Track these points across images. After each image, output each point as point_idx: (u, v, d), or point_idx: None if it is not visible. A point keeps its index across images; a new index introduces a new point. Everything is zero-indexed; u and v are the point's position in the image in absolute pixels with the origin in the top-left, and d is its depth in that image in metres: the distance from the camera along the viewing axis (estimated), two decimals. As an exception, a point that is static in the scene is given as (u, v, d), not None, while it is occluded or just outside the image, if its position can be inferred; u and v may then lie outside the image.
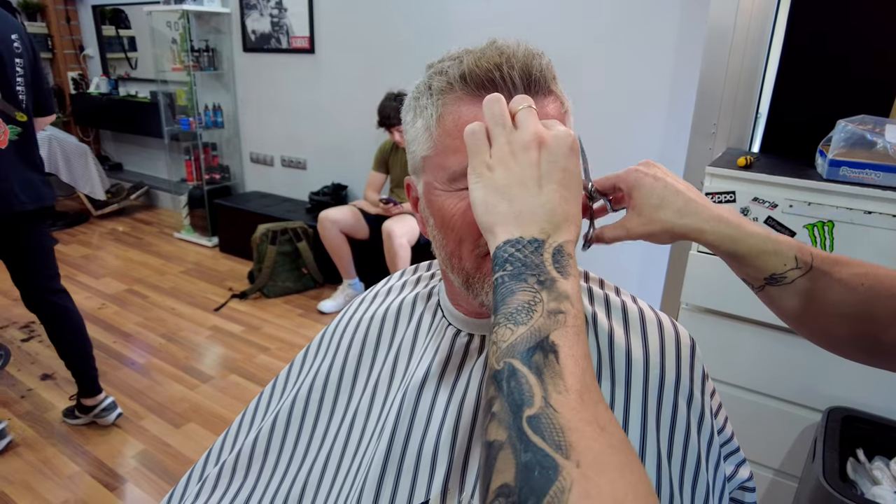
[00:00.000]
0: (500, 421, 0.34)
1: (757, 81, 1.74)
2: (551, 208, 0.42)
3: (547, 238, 0.41)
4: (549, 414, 0.33)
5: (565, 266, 0.40)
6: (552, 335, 0.36)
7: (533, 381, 0.34)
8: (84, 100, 4.90)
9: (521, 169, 0.44)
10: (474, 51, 0.54)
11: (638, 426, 0.57)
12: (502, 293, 0.39)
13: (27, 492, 1.79)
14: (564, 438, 0.31)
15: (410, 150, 0.59)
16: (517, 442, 0.32)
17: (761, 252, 0.54)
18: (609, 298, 0.66)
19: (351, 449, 0.62)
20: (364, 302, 0.75)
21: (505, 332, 0.37)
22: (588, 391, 0.35)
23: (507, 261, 0.41)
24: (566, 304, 0.38)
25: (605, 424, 0.33)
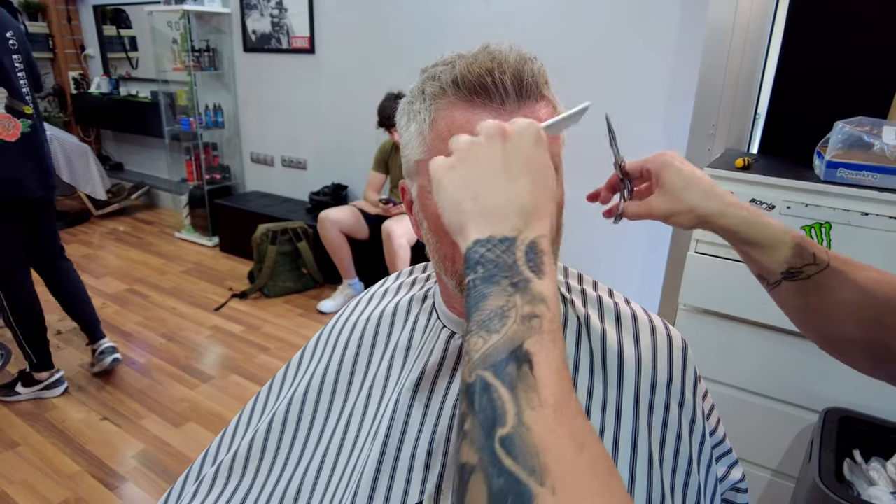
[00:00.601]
0: (473, 441, 0.32)
1: (756, 83, 1.74)
2: (520, 202, 0.40)
3: (518, 235, 0.39)
4: (523, 433, 0.31)
5: (539, 264, 0.38)
6: (526, 343, 0.34)
7: (506, 395, 0.32)
8: (85, 99, 4.91)
9: (485, 161, 0.42)
10: (467, 56, 0.55)
11: (630, 427, 0.57)
12: (475, 298, 0.37)
13: (28, 491, 1.80)
14: (539, 461, 0.29)
15: (405, 153, 0.59)
16: (489, 466, 0.30)
17: (779, 242, 0.55)
18: (602, 300, 0.66)
19: (346, 450, 0.62)
20: (360, 304, 0.76)
21: (477, 342, 0.35)
22: (565, 404, 0.33)
23: (479, 262, 0.38)
24: (541, 308, 0.36)
25: (583, 441, 0.31)
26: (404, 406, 0.60)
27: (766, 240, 0.55)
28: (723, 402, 1.44)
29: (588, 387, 0.60)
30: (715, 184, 0.57)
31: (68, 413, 2.19)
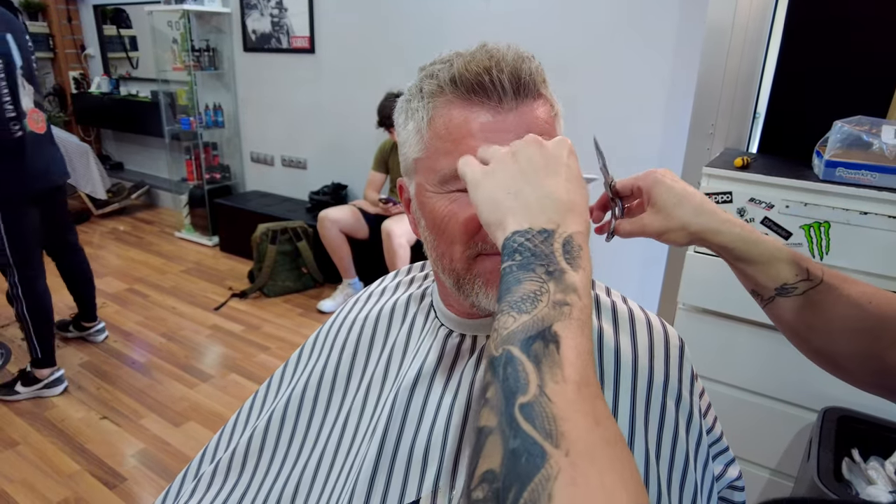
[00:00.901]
0: (493, 407, 0.33)
1: (755, 82, 1.75)
2: (558, 198, 0.42)
3: (556, 228, 0.41)
4: (543, 402, 0.32)
5: (576, 257, 0.39)
6: (555, 325, 0.35)
7: (530, 368, 0.34)
8: (85, 99, 4.92)
9: (525, 163, 0.44)
10: (464, 54, 0.55)
11: (626, 425, 0.57)
12: (508, 282, 0.39)
13: (28, 490, 1.80)
14: (556, 427, 0.31)
15: (402, 152, 0.59)
16: (507, 428, 0.32)
17: (773, 259, 0.55)
18: (599, 299, 0.66)
19: (344, 448, 0.63)
20: (358, 302, 0.76)
21: (507, 320, 0.36)
22: (587, 384, 0.34)
23: (517, 251, 0.40)
24: (573, 297, 0.37)
25: (601, 419, 0.32)
26: (402, 403, 0.61)
27: (760, 256, 0.55)
28: (722, 401, 1.44)
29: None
30: (707, 200, 0.57)
31: (68, 412, 2.19)
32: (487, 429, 0.33)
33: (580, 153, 0.48)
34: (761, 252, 0.55)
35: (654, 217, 0.57)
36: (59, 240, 2.48)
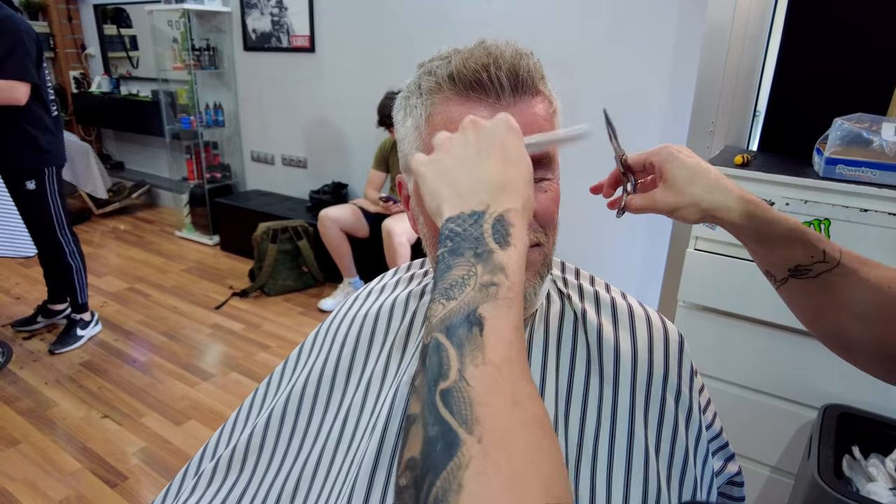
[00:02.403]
0: (419, 395, 0.34)
1: (755, 80, 1.74)
2: (489, 178, 0.42)
3: (486, 209, 0.40)
4: (462, 387, 0.32)
5: (506, 235, 0.39)
6: (480, 308, 0.35)
7: (453, 354, 0.34)
8: (86, 99, 4.92)
9: (459, 149, 0.44)
10: (463, 51, 0.55)
11: (626, 421, 0.57)
12: (440, 269, 0.39)
13: (29, 488, 1.81)
14: (472, 412, 0.31)
15: (401, 148, 0.59)
16: (428, 415, 0.32)
17: (788, 239, 0.53)
18: (599, 295, 0.66)
19: (344, 445, 0.63)
20: (358, 299, 0.76)
21: (437, 308, 0.37)
22: (509, 364, 0.34)
23: (448, 237, 0.40)
24: (500, 276, 0.37)
25: (520, 399, 0.32)
26: (402, 400, 0.61)
27: (773, 236, 0.53)
28: (722, 398, 1.44)
29: (584, 381, 0.60)
30: (722, 176, 0.55)
31: (69, 411, 2.19)
32: (412, 416, 0.33)
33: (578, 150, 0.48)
34: (775, 232, 0.53)
35: (665, 193, 0.56)
36: None
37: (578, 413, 0.59)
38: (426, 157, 0.46)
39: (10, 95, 2.21)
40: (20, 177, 2.35)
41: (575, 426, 0.58)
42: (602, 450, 0.57)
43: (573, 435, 0.58)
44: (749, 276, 1.36)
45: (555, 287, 0.67)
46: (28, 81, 2.24)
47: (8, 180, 2.27)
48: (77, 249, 2.62)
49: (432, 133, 0.55)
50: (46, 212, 2.45)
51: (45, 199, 2.44)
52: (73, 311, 2.70)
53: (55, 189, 2.47)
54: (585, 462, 0.57)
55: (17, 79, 2.21)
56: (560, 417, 0.58)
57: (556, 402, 0.59)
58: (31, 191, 2.39)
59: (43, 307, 2.83)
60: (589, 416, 0.59)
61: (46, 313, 2.83)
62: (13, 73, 2.20)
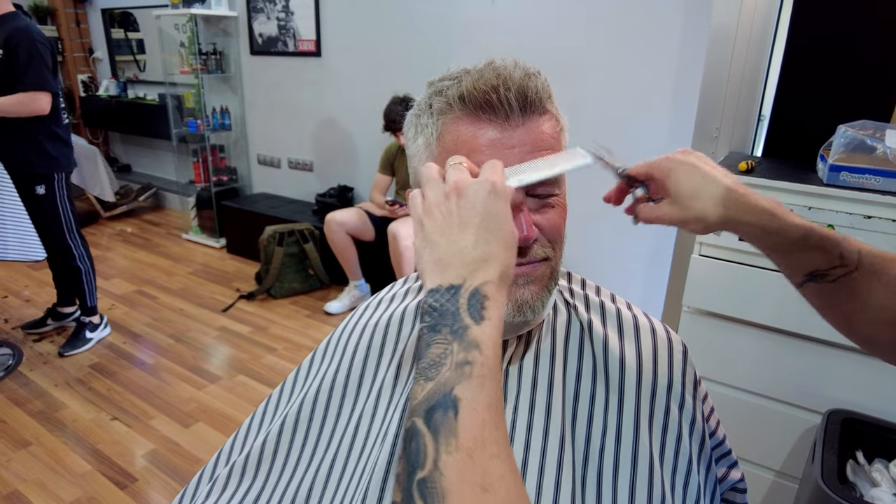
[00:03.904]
0: (399, 483, 0.35)
1: (759, 85, 1.75)
2: (467, 252, 0.43)
3: (463, 282, 0.42)
4: (436, 477, 0.34)
5: (480, 309, 0.40)
6: (456, 389, 0.37)
7: (429, 441, 0.35)
8: (93, 102, 4.96)
9: (441, 217, 0.45)
10: (473, 71, 0.56)
11: (631, 430, 0.59)
12: (420, 347, 0.40)
13: (40, 489, 1.83)
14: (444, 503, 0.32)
15: (412, 164, 0.61)
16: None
17: (804, 247, 0.51)
18: (604, 306, 0.68)
19: (356, 452, 0.64)
20: (368, 308, 0.77)
21: (417, 389, 0.38)
22: (482, 447, 0.35)
23: (427, 312, 0.41)
24: (474, 353, 0.38)
25: (489, 485, 0.34)
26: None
27: (787, 245, 0.52)
28: (727, 403, 1.45)
29: (591, 391, 0.62)
30: (730, 187, 0.52)
31: (79, 413, 2.22)
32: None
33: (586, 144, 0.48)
34: (791, 242, 0.51)
35: (670, 208, 0.55)
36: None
37: (585, 421, 0.60)
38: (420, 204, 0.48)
39: (34, 107, 2.27)
40: (30, 182, 2.38)
41: (582, 433, 0.60)
42: (608, 456, 0.58)
43: (580, 443, 0.59)
44: (753, 281, 1.37)
45: (561, 297, 0.69)
46: (49, 90, 2.29)
47: (18, 185, 2.31)
48: (86, 253, 2.66)
49: (443, 152, 0.56)
50: (55, 216, 2.48)
51: (55, 204, 2.47)
52: (82, 314, 2.73)
53: (64, 194, 2.51)
54: (591, 469, 0.58)
55: (37, 89, 2.26)
56: (567, 425, 0.60)
57: (563, 410, 0.60)
58: (41, 195, 2.42)
59: (52, 310, 2.86)
60: (595, 424, 0.60)
61: (56, 316, 2.86)
62: (32, 83, 2.25)
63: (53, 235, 2.49)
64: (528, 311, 0.57)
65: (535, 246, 0.57)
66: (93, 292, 2.71)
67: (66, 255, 2.58)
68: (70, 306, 2.86)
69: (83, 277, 2.65)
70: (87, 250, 2.68)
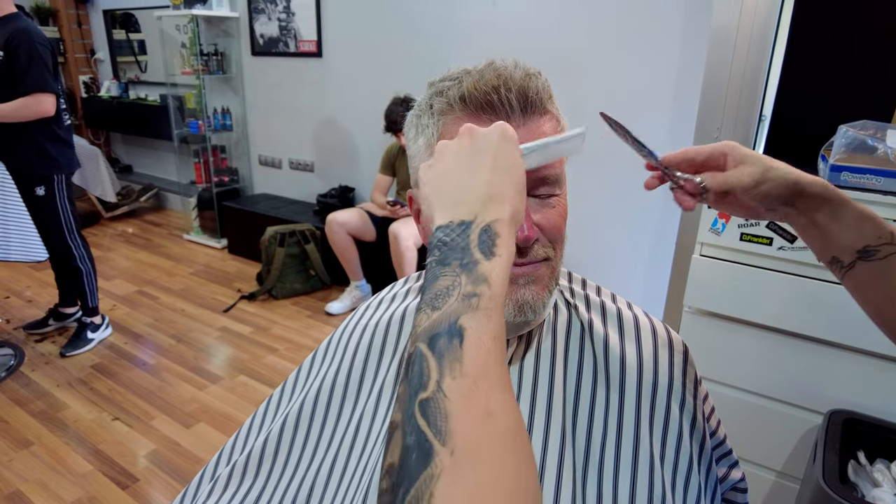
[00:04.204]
0: (400, 403, 0.35)
1: (760, 85, 1.75)
2: (478, 188, 0.43)
3: (475, 218, 0.42)
4: (440, 398, 0.33)
5: (491, 246, 0.40)
6: (461, 319, 0.37)
7: (433, 364, 0.35)
8: (95, 103, 4.97)
9: (452, 157, 0.46)
10: (473, 72, 0.56)
11: (631, 429, 0.59)
12: (427, 279, 0.40)
13: (42, 489, 1.83)
14: (447, 424, 0.32)
15: (413, 165, 0.61)
16: (406, 424, 0.33)
17: (860, 217, 0.52)
18: (605, 305, 0.68)
19: (357, 452, 0.64)
20: (370, 309, 0.78)
21: (422, 317, 0.38)
22: (486, 375, 0.35)
23: (437, 246, 0.41)
24: (482, 287, 0.38)
25: (493, 411, 0.33)
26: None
27: (846, 214, 0.52)
28: (728, 403, 1.45)
29: (591, 390, 0.62)
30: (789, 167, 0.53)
31: (80, 413, 2.22)
32: (394, 424, 0.35)
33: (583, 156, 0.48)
34: (850, 209, 0.52)
35: (742, 170, 0.53)
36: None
37: (586, 421, 0.60)
38: (426, 163, 0.48)
39: (37, 109, 2.28)
40: (30, 183, 2.39)
41: (582, 433, 0.60)
42: (608, 457, 0.59)
43: (580, 442, 0.59)
44: (755, 281, 1.37)
45: (562, 297, 0.69)
46: (51, 92, 2.29)
47: (18, 185, 2.31)
48: (87, 254, 2.66)
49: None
50: (56, 217, 2.49)
51: (55, 205, 2.48)
52: (83, 315, 2.74)
53: (64, 195, 2.51)
54: (592, 468, 0.58)
55: (39, 91, 2.26)
56: (568, 425, 0.60)
57: (563, 410, 0.60)
58: (41, 196, 2.43)
59: (54, 310, 2.87)
60: (596, 423, 0.60)
61: (57, 316, 2.86)
62: (34, 85, 2.26)
63: (54, 236, 2.50)
64: (528, 311, 0.57)
65: (536, 246, 0.57)
66: (94, 293, 2.72)
67: (67, 255, 2.58)
68: (72, 307, 2.87)
69: (84, 278, 2.66)
70: (88, 251, 2.68)
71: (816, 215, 0.54)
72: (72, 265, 2.61)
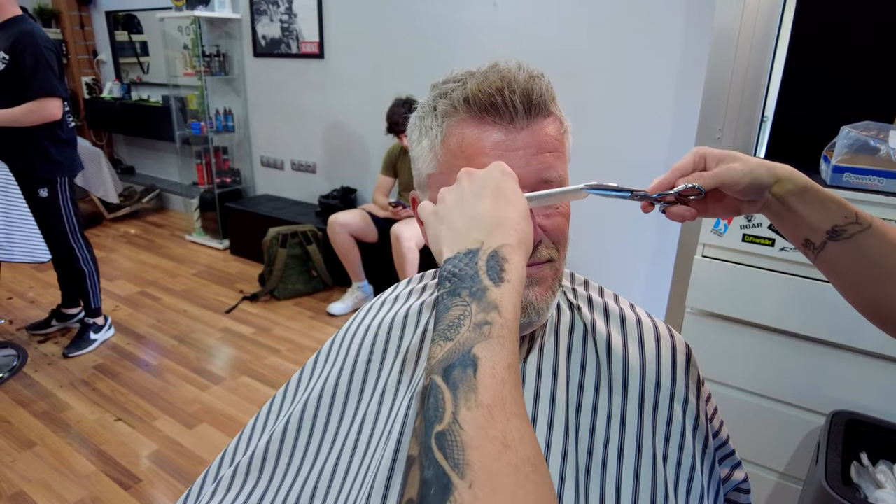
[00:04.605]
0: (417, 437, 0.35)
1: (762, 87, 1.75)
2: (483, 217, 0.44)
3: (481, 245, 0.42)
4: (455, 431, 0.33)
5: (500, 272, 0.40)
6: (475, 348, 0.37)
7: (447, 396, 0.35)
8: (97, 104, 4.98)
9: (455, 195, 0.47)
10: (477, 74, 0.57)
11: (634, 430, 0.59)
12: (439, 311, 0.40)
13: (45, 490, 1.84)
14: (464, 457, 0.32)
15: (416, 167, 0.61)
16: (424, 458, 0.33)
17: (825, 198, 0.54)
18: (608, 306, 0.68)
19: (360, 452, 0.64)
20: (372, 309, 0.78)
21: (435, 349, 0.38)
22: (502, 404, 0.35)
23: (447, 278, 0.41)
24: (493, 314, 0.38)
25: (510, 441, 0.33)
26: (416, 409, 0.62)
27: (817, 196, 0.54)
28: (730, 404, 1.45)
29: (594, 391, 0.62)
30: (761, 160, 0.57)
31: (83, 413, 2.22)
32: (411, 458, 0.35)
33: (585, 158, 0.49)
34: (818, 191, 0.55)
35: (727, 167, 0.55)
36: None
37: (588, 421, 0.60)
38: (432, 206, 0.49)
39: (43, 114, 2.28)
40: (33, 184, 2.40)
41: (585, 434, 0.60)
42: (611, 457, 0.59)
43: (583, 443, 0.59)
44: (757, 282, 1.37)
45: (564, 298, 0.69)
46: (57, 96, 2.30)
47: (21, 187, 2.32)
48: (90, 255, 2.67)
49: (447, 154, 0.57)
50: (59, 219, 2.50)
51: (58, 207, 2.48)
52: (86, 316, 2.74)
53: (67, 197, 2.52)
54: (595, 469, 0.58)
55: (45, 95, 2.27)
56: (571, 425, 0.60)
57: (566, 410, 0.61)
58: (44, 198, 2.44)
59: (57, 311, 2.87)
60: (598, 424, 0.60)
61: (60, 317, 2.87)
62: (39, 89, 2.26)
63: (57, 238, 2.50)
64: (532, 312, 0.58)
65: (540, 248, 0.57)
66: (97, 294, 2.72)
67: (70, 257, 2.59)
68: (74, 307, 2.88)
69: (87, 279, 2.66)
70: (91, 252, 2.68)
71: (789, 199, 0.56)
72: (75, 266, 2.61)
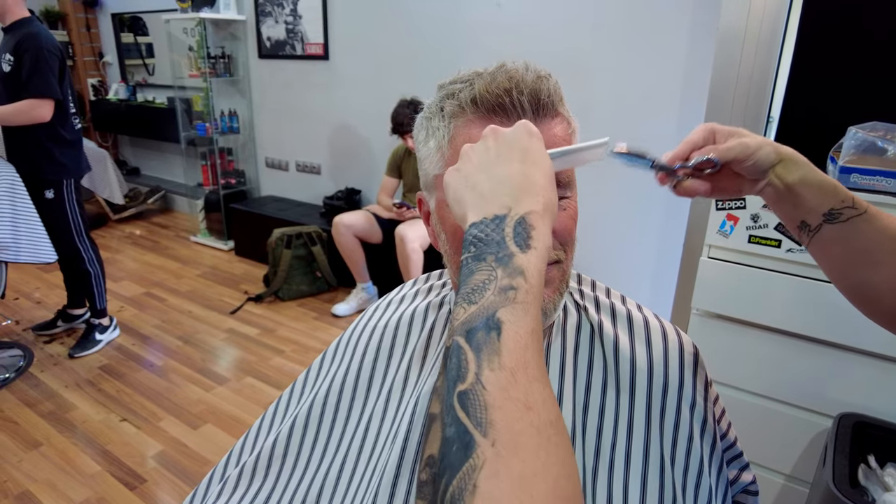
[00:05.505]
0: (439, 395, 0.35)
1: (768, 87, 1.74)
2: (510, 181, 0.43)
3: (508, 212, 0.41)
4: (478, 390, 0.33)
5: (527, 238, 0.40)
6: (499, 312, 0.37)
7: (471, 357, 0.35)
8: (103, 106, 5.00)
9: (480, 155, 0.46)
10: (484, 75, 0.57)
11: (642, 432, 0.59)
12: (464, 274, 0.40)
13: (50, 490, 1.84)
14: (486, 416, 0.32)
15: (423, 167, 0.61)
16: (446, 416, 0.33)
17: (823, 180, 0.55)
18: (615, 307, 0.67)
19: (366, 453, 0.64)
20: (378, 310, 0.78)
21: (459, 311, 0.38)
22: (525, 368, 0.35)
23: (472, 243, 0.41)
24: (519, 280, 0.38)
25: (533, 404, 0.33)
26: (423, 410, 0.62)
27: (814, 180, 0.56)
28: (736, 406, 1.44)
29: (601, 392, 0.62)
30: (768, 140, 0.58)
31: (89, 414, 2.23)
32: (433, 415, 0.35)
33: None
34: (816, 175, 0.56)
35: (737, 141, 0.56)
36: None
37: (595, 422, 0.60)
38: (453, 167, 0.48)
39: (33, 115, 2.28)
40: (39, 186, 2.41)
41: (592, 435, 0.59)
42: (619, 459, 0.58)
43: (590, 444, 0.59)
44: (763, 283, 1.36)
45: (571, 299, 0.69)
46: (51, 98, 2.30)
47: (28, 188, 2.33)
48: (95, 256, 2.68)
49: (454, 155, 0.56)
50: (64, 220, 2.51)
51: (64, 208, 2.50)
52: (91, 316, 2.75)
53: (73, 198, 2.53)
54: (602, 471, 0.58)
55: (39, 96, 2.27)
56: (578, 427, 0.60)
57: (573, 411, 0.60)
58: (50, 200, 2.45)
59: (63, 312, 2.88)
60: (606, 425, 0.60)
61: (66, 318, 2.88)
62: (36, 90, 2.27)
63: (63, 239, 2.51)
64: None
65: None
66: (102, 295, 2.73)
67: (76, 258, 2.60)
68: (80, 308, 2.89)
69: (93, 280, 2.67)
70: (97, 253, 2.69)
71: (791, 179, 0.57)
72: (80, 267, 2.62)
